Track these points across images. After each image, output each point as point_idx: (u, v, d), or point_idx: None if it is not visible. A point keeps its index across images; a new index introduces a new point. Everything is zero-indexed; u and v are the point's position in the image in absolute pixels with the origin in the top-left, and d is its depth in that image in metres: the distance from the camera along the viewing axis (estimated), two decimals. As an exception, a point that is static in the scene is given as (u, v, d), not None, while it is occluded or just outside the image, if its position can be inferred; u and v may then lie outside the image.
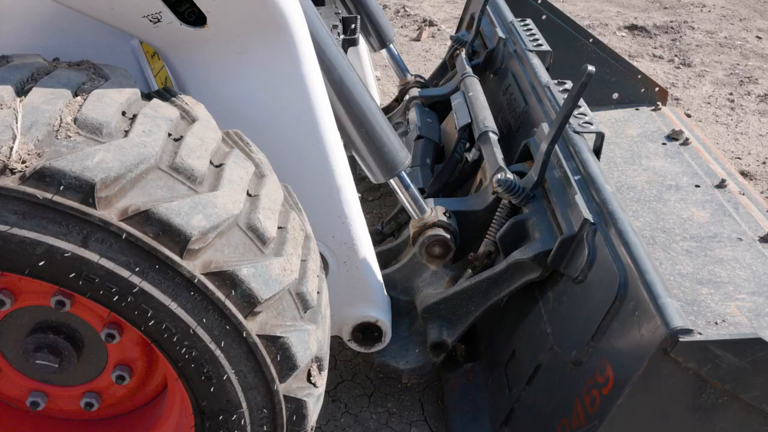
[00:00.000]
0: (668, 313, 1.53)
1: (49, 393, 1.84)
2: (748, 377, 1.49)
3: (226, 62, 1.84)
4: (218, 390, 1.50)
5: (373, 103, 2.21)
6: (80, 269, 1.33)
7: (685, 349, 1.47)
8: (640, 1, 7.20)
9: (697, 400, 1.55)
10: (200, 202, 1.39)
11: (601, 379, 1.69)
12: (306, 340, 1.57)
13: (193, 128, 1.55)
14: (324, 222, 2.13)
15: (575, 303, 1.93)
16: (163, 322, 1.40)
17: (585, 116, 2.41)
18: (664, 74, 5.37)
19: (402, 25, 6.51)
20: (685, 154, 2.99)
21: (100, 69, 1.60)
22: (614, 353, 1.68)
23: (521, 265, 2.10)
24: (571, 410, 1.79)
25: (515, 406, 2.10)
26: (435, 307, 2.29)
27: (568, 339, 1.91)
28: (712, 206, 2.61)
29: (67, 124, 1.36)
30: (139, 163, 1.36)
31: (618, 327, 1.71)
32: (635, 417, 1.61)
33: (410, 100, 3.33)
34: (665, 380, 1.53)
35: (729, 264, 2.30)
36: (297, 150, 2.01)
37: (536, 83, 2.75)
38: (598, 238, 1.89)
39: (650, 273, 1.66)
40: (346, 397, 2.57)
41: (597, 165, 2.15)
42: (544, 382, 2.00)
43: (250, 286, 1.42)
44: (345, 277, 2.25)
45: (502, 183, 2.23)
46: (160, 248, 1.34)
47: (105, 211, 1.31)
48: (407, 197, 2.34)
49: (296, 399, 1.59)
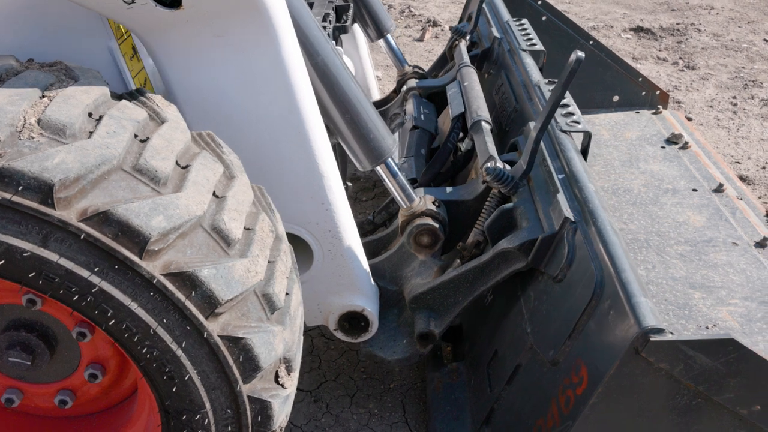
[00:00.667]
0: (641, 312, 1.52)
1: (24, 390, 1.85)
2: (721, 379, 1.47)
3: (203, 45, 1.83)
4: (181, 390, 1.51)
5: (358, 89, 2.19)
6: (40, 269, 1.35)
7: (656, 348, 1.46)
8: (647, 3, 7.16)
9: (670, 401, 1.54)
10: (161, 203, 1.40)
11: (576, 379, 1.68)
12: (271, 342, 1.57)
13: (160, 129, 1.57)
14: (307, 208, 2.12)
15: (554, 302, 1.93)
16: (124, 321, 1.41)
17: (573, 115, 2.41)
18: (667, 77, 5.33)
19: (406, 25, 6.51)
20: (683, 158, 2.97)
21: (71, 70, 1.61)
22: (589, 353, 1.68)
23: (507, 254, 2.08)
24: (547, 410, 1.78)
25: (495, 406, 2.09)
26: (422, 297, 2.28)
27: (546, 338, 1.90)
28: (708, 210, 2.60)
29: (31, 125, 1.37)
30: (101, 164, 1.37)
31: (594, 326, 1.70)
32: (608, 417, 1.60)
33: (408, 91, 3.32)
34: (638, 380, 1.52)
35: (723, 269, 2.29)
36: (277, 135, 2.00)
37: (527, 82, 2.74)
38: (578, 236, 1.88)
39: (626, 272, 1.65)
40: (328, 397, 2.58)
41: (582, 164, 2.14)
42: (523, 382, 2.00)
43: (211, 287, 1.43)
44: (330, 265, 2.24)
45: (490, 171, 2.22)
46: (119, 249, 1.35)
47: (64, 212, 1.32)
48: (395, 185, 2.33)
49: (261, 400, 1.59)
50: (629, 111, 3.42)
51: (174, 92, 1.92)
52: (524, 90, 2.73)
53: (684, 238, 2.45)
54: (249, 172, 2.03)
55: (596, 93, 3.44)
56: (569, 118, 2.38)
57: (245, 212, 1.63)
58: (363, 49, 3.60)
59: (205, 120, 1.95)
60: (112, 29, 1.87)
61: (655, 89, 3.43)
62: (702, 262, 2.32)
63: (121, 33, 1.91)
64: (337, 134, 2.21)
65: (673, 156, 2.98)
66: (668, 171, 2.87)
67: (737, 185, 2.75)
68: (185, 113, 1.94)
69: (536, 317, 2.01)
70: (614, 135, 3.20)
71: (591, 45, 3.43)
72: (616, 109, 3.47)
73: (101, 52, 1.86)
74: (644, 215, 2.59)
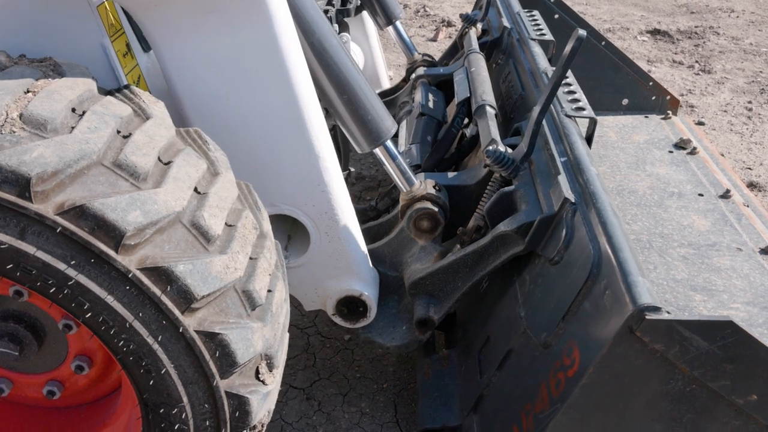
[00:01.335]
0: (637, 291, 1.47)
1: (14, 380, 1.89)
2: (717, 364, 1.42)
3: (195, 21, 1.84)
4: (158, 383, 1.53)
5: (357, 70, 2.17)
6: (18, 261, 1.37)
7: (651, 327, 1.40)
8: (666, 5, 7.08)
9: (664, 386, 1.48)
10: (139, 199, 1.42)
11: (567, 362, 1.64)
12: (249, 338, 1.58)
13: (144, 126, 1.58)
14: (302, 190, 2.12)
15: (550, 285, 1.90)
16: (101, 314, 1.43)
17: (579, 101, 2.38)
18: (681, 80, 5.27)
19: (420, 25, 6.51)
20: (691, 163, 2.94)
21: (59, 66, 1.64)
22: (582, 335, 1.63)
23: (506, 238, 2.06)
24: (537, 394, 1.74)
25: (485, 392, 2.06)
26: (421, 283, 2.26)
27: (539, 321, 1.87)
28: (713, 215, 2.57)
29: (13, 119, 1.40)
30: (80, 158, 1.39)
31: (589, 307, 1.66)
32: (598, 400, 1.54)
33: (416, 79, 3.31)
34: (631, 362, 1.46)
35: (726, 273, 2.26)
36: (271, 115, 2.00)
37: (534, 69, 2.72)
38: (577, 218, 1.84)
39: (624, 251, 1.61)
40: (321, 395, 2.58)
41: (585, 148, 2.11)
42: (514, 367, 1.96)
43: (186, 283, 1.44)
44: (327, 248, 2.23)
45: (491, 154, 2.20)
46: (95, 243, 1.37)
47: (41, 205, 1.34)
48: (394, 168, 2.30)
49: (239, 396, 1.61)
50: (638, 115, 3.38)
51: (167, 71, 1.93)
52: (531, 77, 2.70)
53: (687, 241, 2.42)
54: (244, 153, 2.04)
55: (605, 95, 3.40)
56: (575, 104, 2.35)
57: (227, 209, 1.64)
58: (372, 37, 3.60)
59: (199, 99, 1.96)
60: (105, 27, 1.89)
61: (666, 94, 3.38)
62: (705, 265, 2.29)
63: (114, 30, 1.94)
64: (335, 116, 2.20)
65: (681, 161, 2.95)
66: (675, 175, 2.84)
67: (744, 192, 2.72)
68: (179, 93, 1.96)
69: (531, 301, 1.98)
70: (622, 137, 3.17)
71: (602, 46, 3.39)
72: (624, 113, 3.43)
73: (94, 50, 1.89)
74: (648, 217, 2.57)
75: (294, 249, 2.32)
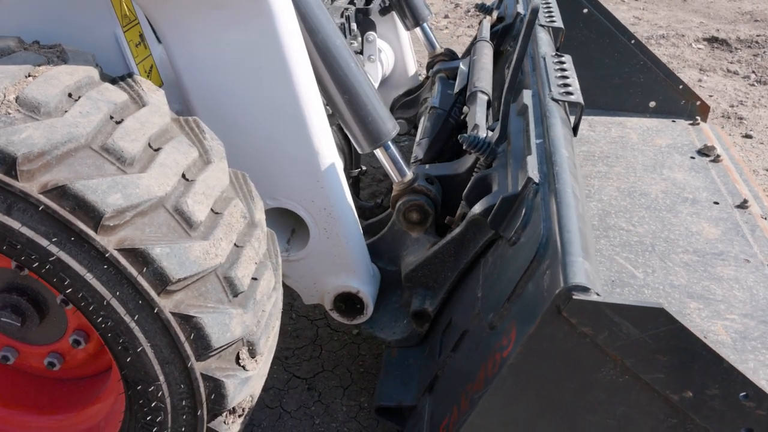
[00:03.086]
0: (572, 271, 1.40)
1: (19, 349, 1.99)
2: (649, 355, 1.32)
3: (201, 17, 1.91)
4: (135, 361, 1.58)
5: (360, 70, 2.20)
6: (4, 235, 1.45)
7: (578, 308, 1.32)
8: (729, 12, 6.83)
9: (595, 374, 1.37)
10: (121, 182, 1.48)
11: (505, 342, 1.57)
12: (226, 323, 1.63)
13: (137, 113, 1.65)
14: (302, 185, 2.16)
15: (505, 266, 1.86)
16: (80, 291, 1.50)
17: (569, 87, 2.31)
18: (734, 90, 5.08)
19: (469, 25, 6.47)
20: (712, 170, 2.85)
21: (65, 53, 1.72)
22: (521, 315, 1.58)
23: (478, 222, 2.04)
24: (476, 375, 1.68)
25: (439, 373, 2.04)
26: (413, 275, 2.27)
27: (490, 303, 1.84)
28: (726, 224, 2.49)
29: (9, 101, 1.48)
30: (67, 141, 1.46)
31: (531, 288, 1.60)
32: (526, 383, 1.45)
33: (435, 74, 3.36)
34: (560, 344, 1.38)
35: (728, 283, 2.19)
36: (272, 110, 2.04)
37: (535, 53, 2.68)
38: (537, 199, 1.79)
39: (571, 232, 1.54)
40: (322, 386, 2.62)
41: (564, 131, 2.03)
42: (466, 348, 1.93)
43: (162, 265, 1.49)
44: (326, 244, 2.27)
45: (465, 139, 2.21)
46: (75, 222, 1.43)
47: (26, 184, 1.42)
48: (392, 167, 2.34)
49: (214, 378, 1.65)
50: (665, 119, 3.28)
51: (175, 63, 2.00)
52: (530, 62, 2.67)
53: (693, 247, 2.36)
54: (246, 145, 2.09)
55: (632, 96, 3.31)
56: (565, 88, 2.28)
57: (215, 196, 1.69)
58: (403, 36, 3.62)
59: (204, 91, 2.02)
60: (118, 17, 1.97)
61: (696, 99, 3.27)
62: (706, 273, 2.23)
63: (127, 21, 2.01)
64: (337, 115, 2.24)
65: (701, 167, 2.86)
66: (692, 181, 2.76)
67: (765, 205, 2.62)
68: (186, 84, 2.03)
69: (488, 282, 1.96)
70: (643, 140, 3.09)
71: (632, 44, 3.30)
72: (651, 115, 3.32)
73: (107, 39, 1.97)
74: (656, 220, 2.50)
75: (296, 243, 2.36)
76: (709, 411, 1.32)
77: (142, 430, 1.72)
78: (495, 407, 1.48)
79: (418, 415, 2.03)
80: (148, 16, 1.96)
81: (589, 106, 3.32)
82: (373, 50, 3.23)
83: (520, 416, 1.48)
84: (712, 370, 1.29)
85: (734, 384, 1.29)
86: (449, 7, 7.06)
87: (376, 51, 3.24)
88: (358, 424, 2.47)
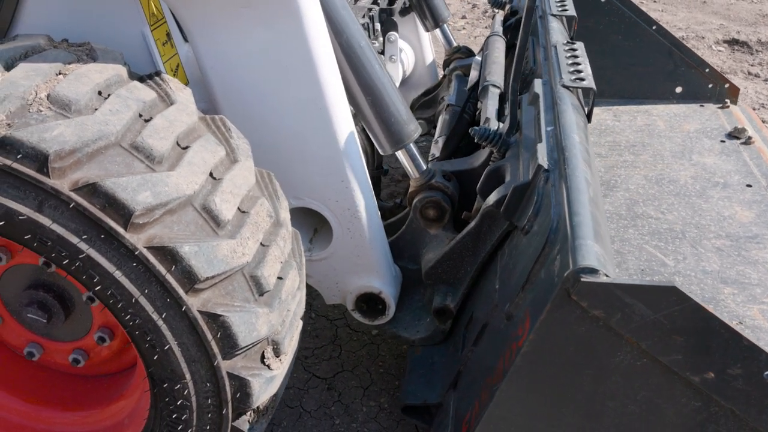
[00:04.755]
0: (581, 253, 1.35)
1: (45, 346, 2.00)
2: (666, 336, 1.27)
3: (229, 16, 1.92)
4: (162, 358, 1.59)
5: (384, 71, 2.20)
6: (35, 232, 1.45)
7: (587, 290, 1.27)
8: (750, 14, 6.76)
9: (612, 358, 1.33)
10: (150, 180, 1.48)
11: (521, 331, 1.53)
12: (253, 322, 1.63)
13: (166, 111, 1.65)
14: (326, 184, 2.17)
15: (520, 255, 1.84)
16: (109, 288, 1.50)
17: (580, 72, 2.26)
18: (755, 93, 5.03)
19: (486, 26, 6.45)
20: (744, 153, 2.77)
21: (94, 51, 1.73)
22: (535, 303, 1.54)
23: (491, 214, 2.02)
24: (495, 367, 1.64)
25: (462, 369, 2.02)
26: (433, 272, 2.26)
27: (506, 293, 1.82)
28: (760, 207, 2.42)
29: (41, 99, 1.49)
30: (98, 139, 1.47)
31: (543, 275, 1.57)
32: (542, 371, 1.40)
33: (451, 72, 3.36)
34: (573, 329, 1.34)
35: (763, 266, 2.14)
36: (298, 109, 2.05)
37: (547, 43, 2.64)
38: (548, 186, 1.76)
39: (580, 215, 1.49)
40: (342, 386, 2.62)
41: (574, 116, 1.99)
42: (486, 342, 1.90)
43: (191, 264, 1.49)
44: (349, 244, 2.27)
45: (476, 132, 2.20)
46: (105, 219, 1.44)
47: (57, 181, 1.42)
48: (413, 168, 2.34)
49: (240, 377, 1.65)
50: (693, 104, 3.19)
51: (202, 61, 2.01)
52: (543, 51, 2.64)
53: (726, 232, 2.30)
54: (271, 144, 2.10)
55: (657, 83, 3.22)
56: (576, 75, 2.23)
57: (242, 195, 1.69)
58: (424, 36, 3.61)
59: (231, 89, 2.03)
60: (146, 15, 1.97)
61: (725, 82, 3.17)
62: (740, 257, 2.18)
63: (155, 19, 2.02)
64: (360, 116, 2.24)
65: (732, 150, 2.79)
66: (723, 165, 2.69)
67: (804, 187, 2.55)
68: (212, 82, 2.04)
69: (504, 273, 1.94)
70: (671, 126, 3.02)
71: (653, 30, 3.23)
72: (678, 101, 3.24)
73: (134, 37, 1.98)
74: (686, 206, 2.46)
75: (318, 242, 2.36)
76: (733, 392, 1.28)
77: (167, 427, 1.73)
78: (513, 398, 1.45)
79: (443, 412, 2.02)
80: (176, 15, 1.97)
81: (614, 96, 3.28)
82: (394, 50, 3.23)
83: (539, 406, 1.44)
84: (732, 348, 1.24)
85: (757, 362, 1.24)
86: (466, 8, 7.04)
87: (397, 51, 3.24)
88: (379, 425, 2.46)
